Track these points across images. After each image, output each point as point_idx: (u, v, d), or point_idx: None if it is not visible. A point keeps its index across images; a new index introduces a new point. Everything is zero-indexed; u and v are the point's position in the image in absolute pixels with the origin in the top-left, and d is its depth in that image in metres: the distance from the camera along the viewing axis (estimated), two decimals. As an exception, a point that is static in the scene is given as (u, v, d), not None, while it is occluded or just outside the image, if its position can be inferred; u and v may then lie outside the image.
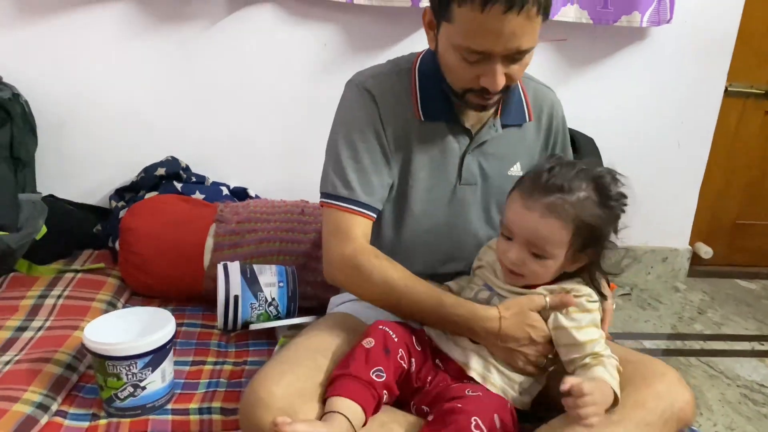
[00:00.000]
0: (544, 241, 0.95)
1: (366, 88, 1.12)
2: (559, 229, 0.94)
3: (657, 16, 1.87)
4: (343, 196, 1.10)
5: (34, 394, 1.10)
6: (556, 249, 0.96)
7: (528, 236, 0.96)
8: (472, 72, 1.01)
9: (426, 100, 1.13)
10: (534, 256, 0.97)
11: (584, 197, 0.94)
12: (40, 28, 1.72)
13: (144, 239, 1.56)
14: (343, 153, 1.12)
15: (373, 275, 1.05)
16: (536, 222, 0.94)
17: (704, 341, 1.87)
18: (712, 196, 2.31)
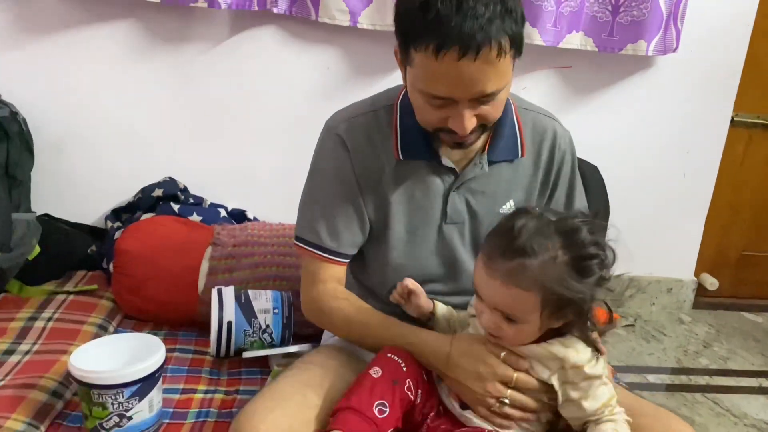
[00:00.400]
0: (510, 308, 0.88)
1: (338, 133, 1.10)
2: (523, 296, 0.86)
3: (663, 45, 1.86)
4: (311, 241, 1.12)
5: (17, 422, 1.07)
6: (527, 315, 0.88)
7: (494, 303, 0.89)
8: (439, 114, 0.97)
9: (406, 138, 1.09)
10: (507, 320, 0.89)
11: (549, 259, 0.85)
12: (40, 47, 1.71)
13: (138, 261, 1.53)
14: (313, 201, 1.13)
15: (332, 316, 1.11)
16: (498, 290, 0.87)
17: (710, 376, 1.82)
18: (718, 226, 2.28)
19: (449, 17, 0.87)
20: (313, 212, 1.13)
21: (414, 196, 1.11)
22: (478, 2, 0.87)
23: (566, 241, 0.86)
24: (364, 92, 1.19)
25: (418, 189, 1.11)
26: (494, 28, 0.87)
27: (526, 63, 1.90)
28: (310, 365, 1.07)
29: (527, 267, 0.84)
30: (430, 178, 1.11)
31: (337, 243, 1.11)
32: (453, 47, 0.87)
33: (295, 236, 1.15)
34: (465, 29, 0.86)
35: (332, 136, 1.11)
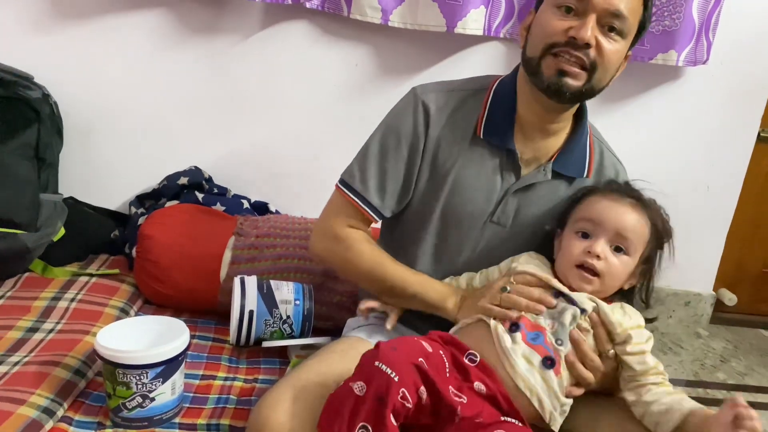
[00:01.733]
0: (632, 231, 1.02)
1: (424, 100, 1.13)
2: (643, 224, 1.03)
3: (693, 57, 1.85)
4: (357, 189, 1.14)
5: (40, 398, 1.08)
6: (638, 244, 1.03)
7: (616, 228, 1.01)
8: (564, 24, 1.01)
9: (492, 117, 1.12)
10: (615, 251, 1.02)
11: (655, 214, 1.06)
12: (75, 32, 1.73)
13: (161, 247, 1.54)
14: (373, 151, 1.14)
15: (348, 244, 1.14)
16: (626, 212, 1.02)
17: (727, 391, 1.81)
18: (740, 242, 2.26)
19: None
20: (370, 163, 1.14)
21: (473, 187, 1.13)
22: None
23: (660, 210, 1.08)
24: (391, 91, 1.19)
25: (478, 181, 1.13)
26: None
27: (554, 68, 1.91)
28: (331, 355, 1.07)
29: (644, 204, 1.05)
30: (494, 174, 1.13)
31: (382, 201, 1.14)
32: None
33: (340, 178, 1.17)
34: None
35: (417, 100, 1.13)
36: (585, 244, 1.02)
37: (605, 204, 1.04)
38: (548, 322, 1.00)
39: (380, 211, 1.15)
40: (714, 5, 1.80)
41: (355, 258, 1.15)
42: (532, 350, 0.97)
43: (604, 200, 1.04)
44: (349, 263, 1.16)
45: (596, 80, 1.03)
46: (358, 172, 1.14)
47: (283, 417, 0.91)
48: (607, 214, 1.02)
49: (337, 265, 1.20)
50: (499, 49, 1.85)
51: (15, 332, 1.29)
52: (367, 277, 1.15)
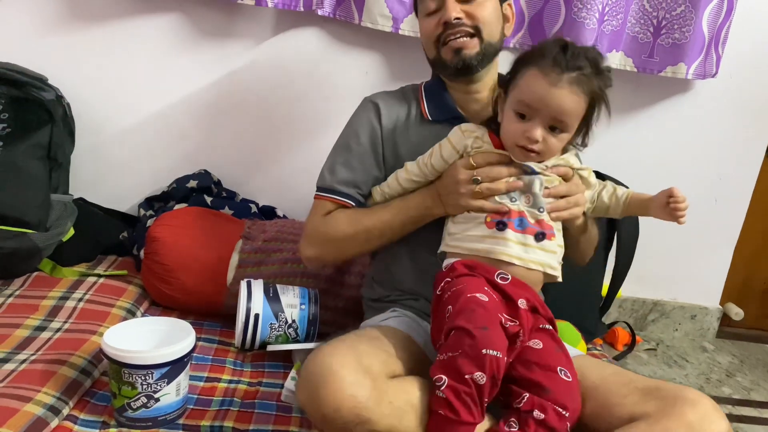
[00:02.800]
0: (568, 114, 1.03)
1: (372, 100, 1.31)
2: (581, 102, 1.03)
3: (703, 70, 1.85)
4: (328, 186, 1.27)
5: (46, 396, 1.09)
6: (575, 121, 1.05)
7: (553, 112, 1.03)
8: (433, 21, 1.19)
9: (431, 103, 1.28)
10: (552, 131, 1.05)
11: (592, 71, 1.03)
12: (89, 35, 1.75)
13: (169, 250, 1.55)
14: (339, 154, 1.29)
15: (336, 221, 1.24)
16: (565, 97, 1.01)
17: (733, 406, 1.79)
18: (747, 256, 2.25)
19: None
20: (336, 164, 1.28)
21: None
22: None
23: (592, 58, 1.04)
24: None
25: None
26: None
27: (563, 79, 1.91)
28: (363, 331, 1.11)
29: (585, 76, 1.02)
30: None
31: (351, 189, 1.26)
32: None
33: (316, 187, 1.30)
34: None
35: (366, 103, 1.32)
36: (523, 127, 1.05)
37: (542, 87, 1.02)
38: (522, 199, 1.09)
39: (354, 197, 1.26)
40: (724, 19, 1.80)
41: (333, 230, 1.25)
42: (524, 234, 1.07)
43: (542, 81, 1.02)
44: (332, 239, 1.25)
45: (487, 37, 1.19)
46: (327, 172, 1.29)
47: (345, 359, 0.91)
48: (543, 99, 1.02)
49: (325, 249, 1.28)
50: (509, 59, 1.85)
51: (23, 330, 1.31)
52: (354, 238, 1.24)
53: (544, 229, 1.08)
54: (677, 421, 0.90)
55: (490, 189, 1.09)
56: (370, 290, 1.34)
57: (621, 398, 0.98)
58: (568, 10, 1.75)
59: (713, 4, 1.77)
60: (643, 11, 1.81)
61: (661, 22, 1.81)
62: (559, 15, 1.76)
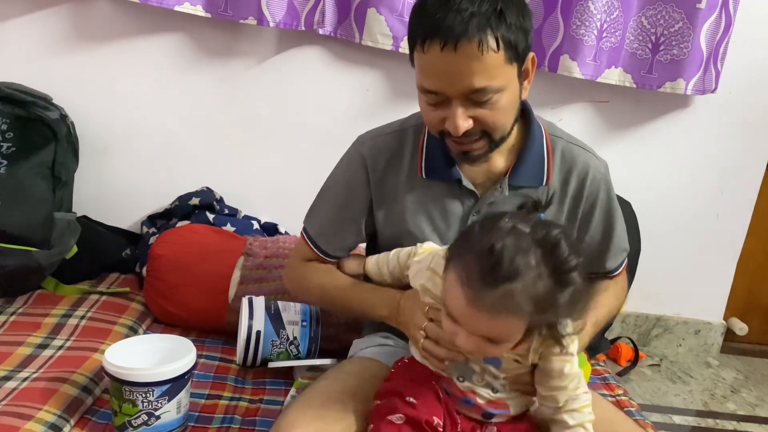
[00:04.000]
0: (497, 335, 0.83)
1: (361, 152, 1.16)
2: (510, 321, 0.81)
3: (702, 85, 1.86)
4: (311, 235, 1.23)
5: (47, 414, 1.09)
6: (512, 337, 0.84)
7: (479, 332, 0.83)
8: (437, 115, 1.01)
9: (431, 158, 1.12)
10: (488, 341, 0.84)
11: (535, 278, 0.78)
12: (93, 55, 1.77)
13: (171, 267, 1.56)
14: (322, 201, 1.24)
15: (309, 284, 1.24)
16: (484, 322, 0.81)
17: (737, 422, 1.78)
18: (750, 271, 2.25)
19: (435, 12, 0.94)
20: (317, 212, 1.24)
21: (432, 218, 1.14)
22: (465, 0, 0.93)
23: (546, 253, 0.79)
24: (402, 115, 1.23)
25: (436, 210, 1.14)
26: (475, 23, 0.92)
27: (563, 95, 1.93)
28: (344, 374, 1.08)
29: (514, 293, 0.77)
30: (450, 201, 1.13)
31: (327, 245, 1.21)
32: (435, 39, 0.93)
33: (303, 223, 1.26)
34: (446, 21, 0.92)
35: (356, 152, 1.18)
36: (452, 329, 0.87)
37: (461, 306, 0.82)
38: (474, 377, 0.95)
39: (329, 253, 1.22)
40: (722, 35, 1.82)
41: (306, 285, 1.26)
42: (471, 412, 0.95)
43: (460, 298, 0.82)
44: (304, 291, 1.29)
45: (498, 134, 1.02)
46: (312, 218, 1.24)
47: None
48: (466, 320, 0.83)
49: (299, 295, 1.33)
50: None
51: (25, 348, 1.31)
52: (320, 301, 1.30)
53: (495, 409, 0.95)
54: None
55: (429, 351, 0.96)
56: None
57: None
58: (567, 27, 1.76)
59: (711, 20, 1.79)
60: (642, 28, 1.82)
61: (660, 39, 1.82)
62: (557, 32, 1.78)
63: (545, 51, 1.81)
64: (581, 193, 1.14)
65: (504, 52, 0.95)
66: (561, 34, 1.78)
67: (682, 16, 1.78)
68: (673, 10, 1.79)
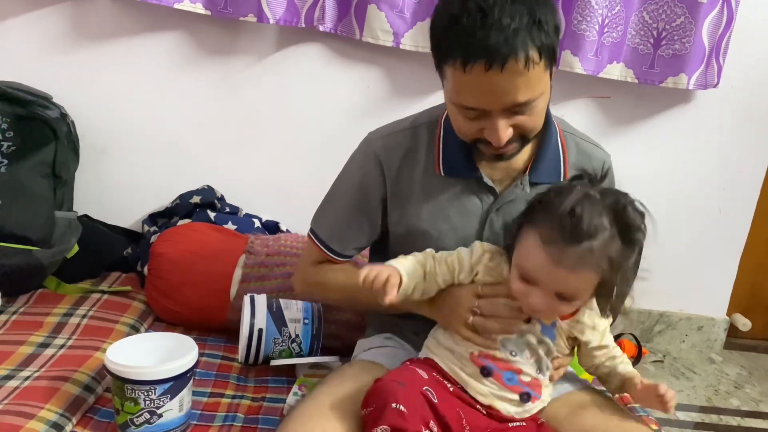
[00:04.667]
0: (575, 291, 0.92)
1: (374, 149, 1.14)
2: (588, 277, 0.90)
3: (704, 80, 1.86)
4: (320, 237, 1.20)
5: (49, 413, 1.09)
6: (585, 293, 0.94)
7: (557, 288, 0.91)
8: (474, 126, 0.98)
9: (449, 154, 1.10)
10: (560, 299, 0.92)
11: (610, 237, 0.88)
12: (93, 54, 1.77)
13: (173, 265, 1.55)
14: (332, 202, 1.21)
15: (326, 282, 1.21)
16: (567, 276, 0.89)
17: (741, 417, 1.78)
18: (753, 266, 2.24)
19: (474, 30, 0.89)
20: (328, 212, 1.21)
21: (449, 215, 1.11)
22: (503, 14, 0.88)
23: (616, 216, 0.89)
24: (402, 113, 1.22)
25: (453, 208, 1.11)
26: (520, 39, 0.88)
27: (565, 91, 1.92)
28: (345, 379, 1.06)
29: (594, 250, 0.87)
30: (468, 198, 1.11)
31: (340, 245, 1.19)
32: (479, 60, 0.89)
33: (310, 227, 1.23)
34: (490, 42, 0.88)
35: (369, 150, 1.15)
36: (524, 290, 0.94)
37: (542, 262, 0.90)
38: (526, 353, 0.99)
39: (344, 254, 1.20)
40: (724, 29, 1.81)
41: (320, 287, 1.23)
42: (509, 390, 0.98)
43: (540, 255, 0.89)
44: (323, 293, 1.26)
45: (534, 134, 1.02)
46: (322, 219, 1.22)
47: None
48: (546, 275, 0.90)
49: (316, 297, 1.34)
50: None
51: (27, 347, 1.31)
52: (343, 302, 1.28)
53: (532, 390, 0.99)
54: None
55: (483, 325, 0.98)
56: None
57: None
58: (568, 23, 1.76)
59: (713, 15, 1.78)
60: (643, 23, 1.82)
61: (662, 33, 1.81)
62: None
63: (546, 47, 1.80)
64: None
65: (544, 60, 0.93)
66: (562, 30, 1.77)
67: (683, 10, 1.78)
68: (675, 4, 1.78)
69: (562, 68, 1.79)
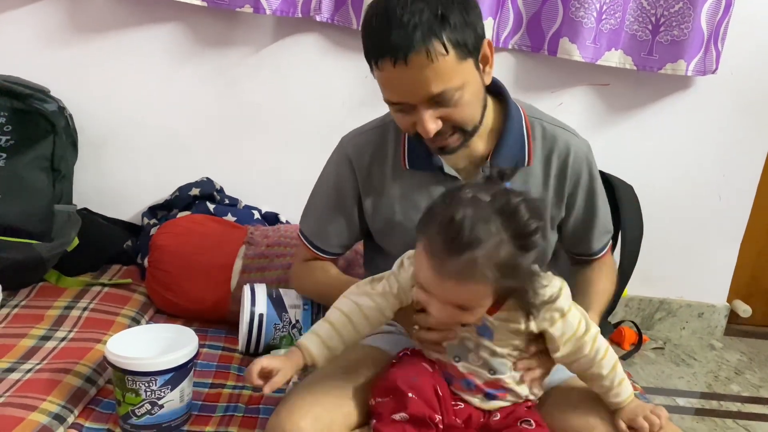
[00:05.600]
0: (466, 301, 0.87)
1: (345, 152, 1.20)
2: (477, 288, 0.84)
3: (703, 66, 1.85)
4: (307, 236, 1.28)
5: (51, 405, 1.09)
6: (481, 302, 0.87)
7: (448, 299, 0.86)
8: (408, 120, 1.02)
9: (413, 149, 1.14)
10: (460, 308, 0.87)
11: (496, 245, 0.82)
12: (91, 47, 1.76)
13: (173, 257, 1.56)
14: (312, 204, 1.28)
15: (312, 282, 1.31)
16: (452, 289, 0.84)
17: (741, 403, 1.78)
18: (753, 253, 2.24)
19: (381, 30, 0.95)
20: (310, 213, 1.28)
21: (419, 206, 1.13)
22: (405, 12, 0.93)
23: (507, 220, 0.83)
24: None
25: (422, 199, 1.15)
26: (419, 35, 0.93)
27: (563, 79, 1.91)
28: (345, 362, 1.07)
29: (477, 260, 0.81)
30: (435, 189, 1.14)
31: (323, 243, 1.26)
32: (386, 57, 0.95)
33: (299, 225, 1.31)
34: (392, 39, 0.93)
35: (341, 153, 1.21)
36: (424, 298, 0.90)
37: (428, 275, 0.86)
38: (470, 357, 0.96)
39: (326, 251, 1.27)
40: (722, 15, 1.80)
41: (311, 285, 1.32)
42: (472, 394, 0.97)
43: (427, 268, 0.85)
44: (309, 291, 1.36)
45: (470, 126, 1.04)
46: (306, 219, 1.29)
47: (303, 422, 0.92)
48: (434, 288, 0.87)
49: (305, 293, 1.40)
50: (508, 60, 1.86)
51: (28, 340, 1.31)
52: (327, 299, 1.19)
53: (494, 390, 0.96)
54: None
55: (422, 339, 1.00)
56: None
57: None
58: (566, 10, 1.75)
59: (711, 0, 1.77)
60: (641, 9, 1.81)
61: (660, 20, 1.80)
62: (557, 15, 1.76)
63: (544, 34, 1.80)
64: (564, 173, 1.16)
65: (454, 53, 0.95)
66: (560, 16, 1.76)
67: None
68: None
69: (560, 56, 1.78)
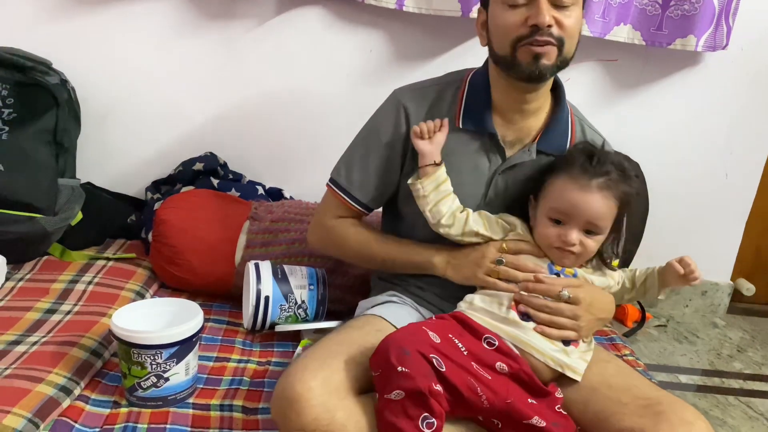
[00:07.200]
0: (601, 217, 1.07)
1: (402, 102, 1.20)
2: (612, 206, 1.07)
3: (713, 42, 1.82)
4: (342, 186, 1.23)
5: (58, 377, 1.10)
6: (608, 223, 1.08)
7: (587, 216, 1.06)
8: (520, 17, 1.05)
9: (469, 108, 1.17)
10: (587, 234, 1.08)
11: (620, 176, 1.07)
12: (93, 19, 1.74)
13: (177, 232, 1.55)
14: (357, 150, 1.24)
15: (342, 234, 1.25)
16: (594, 201, 1.05)
17: (743, 380, 1.79)
18: (758, 231, 2.23)
19: None
20: (352, 161, 1.23)
21: (461, 171, 1.17)
22: None
23: (620, 165, 1.09)
24: (405, 77, 1.22)
25: (465, 165, 1.17)
26: None
27: (571, 53, 1.89)
28: (349, 330, 1.10)
29: (613, 180, 1.06)
30: (480, 157, 1.18)
31: (362, 194, 1.23)
32: None
33: (330, 177, 1.26)
34: None
35: (395, 101, 1.21)
36: (558, 232, 1.08)
37: (574, 194, 1.06)
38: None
39: (365, 204, 1.24)
40: (734, -11, 1.77)
41: (343, 243, 1.26)
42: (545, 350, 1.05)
43: (572, 188, 1.06)
44: (339, 248, 1.28)
45: (566, 52, 1.09)
46: (344, 169, 1.24)
47: (314, 382, 0.92)
48: (576, 206, 1.06)
49: (331, 251, 1.33)
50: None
51: (34, 313, 1.32)
52: (358, 257, 1.27)
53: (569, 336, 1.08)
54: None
55: (507, 273, 1.10)
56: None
57: (620, 407, 0.99)
58: (575, -17, 1.72)
59: (723, -26, 1.74)
60: (652, -17, 1.77)
61: (670, -6, 1.77)
62: (565, -12, 1.73)
63: (552, 8, 1.77)
64: None
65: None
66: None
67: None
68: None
69: (568, 30, 1.76)
